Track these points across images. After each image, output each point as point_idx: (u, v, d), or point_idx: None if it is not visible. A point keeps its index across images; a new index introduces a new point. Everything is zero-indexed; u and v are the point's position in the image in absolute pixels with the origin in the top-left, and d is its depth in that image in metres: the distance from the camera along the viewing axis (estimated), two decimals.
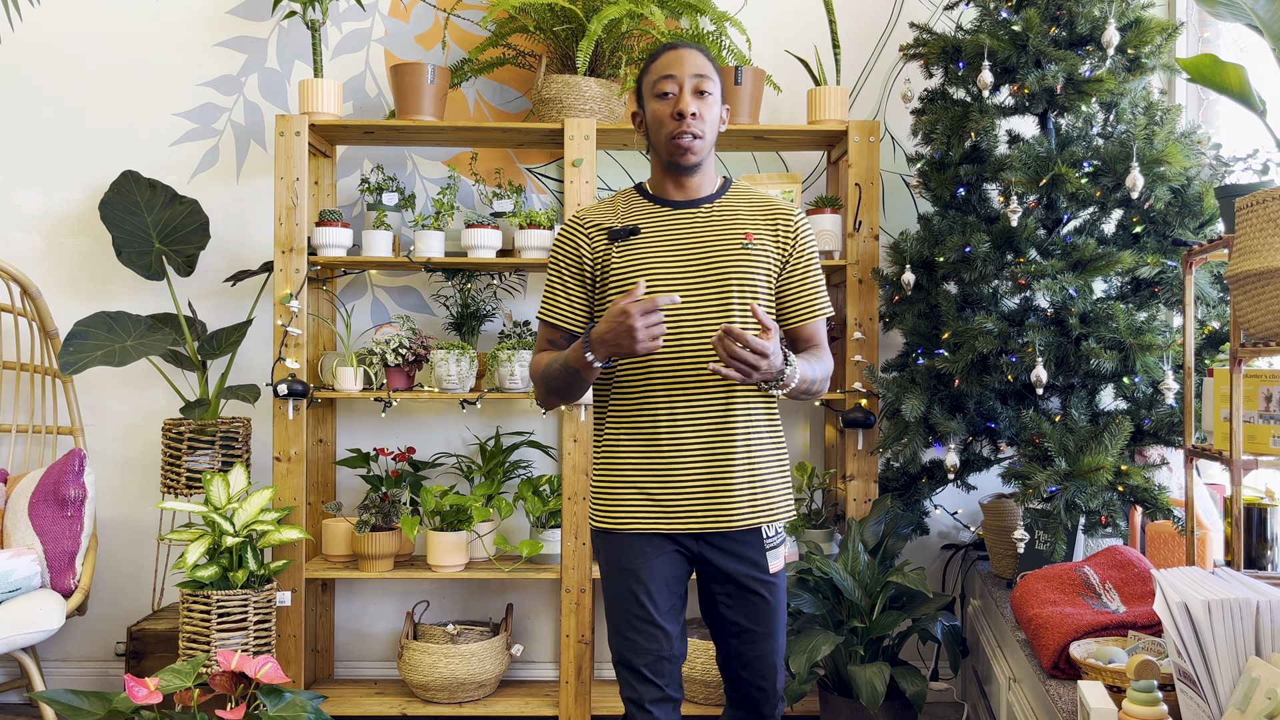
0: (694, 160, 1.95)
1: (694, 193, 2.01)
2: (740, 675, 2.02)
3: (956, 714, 3.26)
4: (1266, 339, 1.76)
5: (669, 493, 1.94)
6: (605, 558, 2.00)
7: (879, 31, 3.49)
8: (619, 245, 1.97)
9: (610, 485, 1.99)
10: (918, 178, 3.08)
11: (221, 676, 2.35)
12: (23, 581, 2.88)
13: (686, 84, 1.92)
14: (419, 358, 3.20)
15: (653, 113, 1.96)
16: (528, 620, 3.49)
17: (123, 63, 3.48)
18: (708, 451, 1.94)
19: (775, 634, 2.01)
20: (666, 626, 1.94)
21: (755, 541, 1.98)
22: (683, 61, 1.93)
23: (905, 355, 3.09)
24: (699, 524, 1.94)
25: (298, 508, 3.12)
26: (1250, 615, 1.47)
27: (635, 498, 1.96)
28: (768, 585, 1.98)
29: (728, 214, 2.00)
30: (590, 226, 2.01)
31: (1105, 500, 2.46)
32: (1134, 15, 2.73)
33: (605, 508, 1.99)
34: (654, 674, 1.93)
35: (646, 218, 2.00)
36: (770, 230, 2.00)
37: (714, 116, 1.96)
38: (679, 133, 1.91)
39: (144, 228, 3.29)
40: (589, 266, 2.00)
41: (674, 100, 1.92)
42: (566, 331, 2.03)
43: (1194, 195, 2.63)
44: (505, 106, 3.51)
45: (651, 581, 1.94)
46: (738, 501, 1.95)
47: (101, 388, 3.48)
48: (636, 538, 1.96)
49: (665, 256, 1.95)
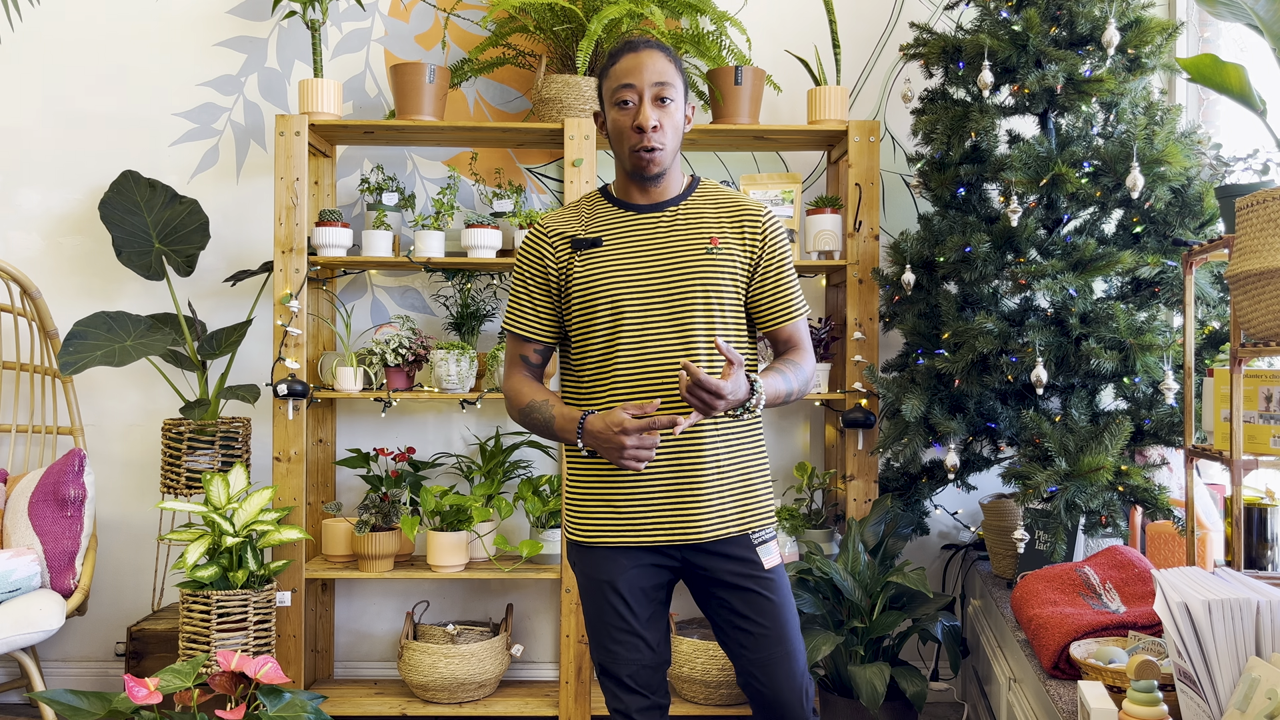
0: (656, 171, 1.91)
1: (658, 196, 1.96)
2: (762, 693, 1.92)
3: (956, 714, 3.26)
4: (1266, 339, 1.76)
5: (638, 506, 1.90)
6: (581, 570, 1.97)
7: (879, 31, 3.49)
8: (582, 254, 1.93)
9: (581, 499, 1.96)
10: (918, 178, 3.08)
11: (221, 676, 2.35)
12: (23, 581, 2.88)
13: (646, 93, 1.87)
14: (419, 358, 3.20)
15: (613, 121, 1.91)
16: (528, 620, 3.49)
17: (123, 62, 3.49)
18: (676, 462, 1.90)
19: (785, 637, 1.92)
20: (646, 635, 1.92)
21: (741, 541, 1.93)
22: (642, 69, 1.87)
23: (905, 355, 3.09)
24: (670, 536, 1.90)
25: (298, 508, 3.12)
26: (1250, 615, 1.47)
27: (605, 511, 1.92)
28: (764, 581, 1.92)
29: (693, 217, 1.95)
30: (554, 235, 1.97)
31: (1105, 500, 2.46)
32: (1134, 15, 2.73)
33: (578, 522, 1.96)
34: (637, 683, 1.91)
35: (610, 224, 1.95)
36: (737, 232, 1.95)
37: (676, 123, 1.92)
38: (639, 146, 1.87)
39: (144, 228, 3.29)
40: (554, 276, 1.95)
41: (633, 111, 1.88)
42: (535, 343, 1.99)
43: (1194, 195, 2.63)
44: (505, 106, 3.51)
45: (629, 592, 1.91)
46: (709, 512, 1.90)
47: (101, 388, 3.48)
48: (611, 551, 1.92)
49: (629, 265, 1.91)
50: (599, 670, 1.95)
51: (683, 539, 1.90)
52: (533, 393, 1.96)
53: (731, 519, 1.92)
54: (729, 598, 1.92)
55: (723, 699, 3.13)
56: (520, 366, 2.01)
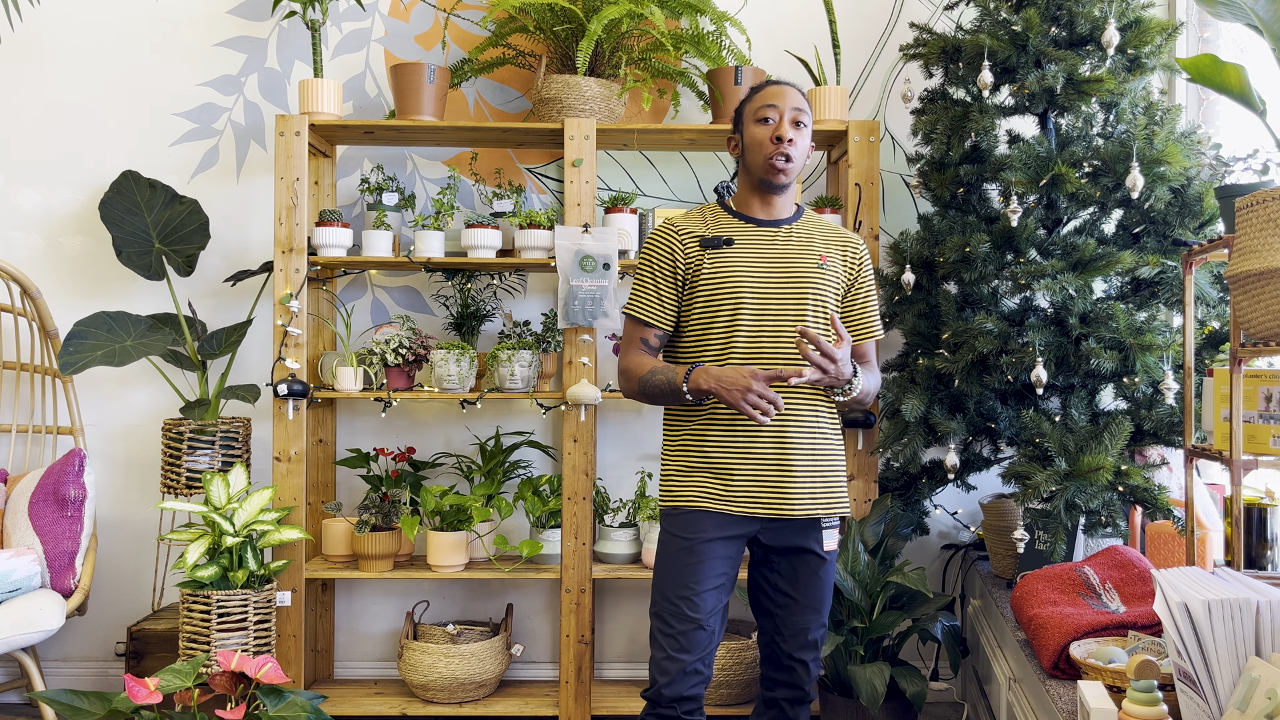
0: (784, 181, 2.16)
1: (777, 213, 2.22)
2: (782, 648, 2.19)
3: (956, 714, 3.26)
4: (1266, 339, 1.76)
5: (735, 478, 2.12)
6: (669, 530, 2.17)
7: (879, 31, 3.49)
8: (711, 253, 2.16)
9: (682, 468, 2.18)
10: (918, 178, 3.08)
11: (221, 676, 2.35)
12: (23, 581, 2.89)
13: (786, 114, 2.14)
14: (419, 358, 3.20)
15: (752, 135, 2.17)
16: (528, 620, 3.49)
17: (123, 62, 3.49)
18: (772, 444, 2.13)
19: (820, 610, 2.18)
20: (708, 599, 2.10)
21: (814, 522, 2.17)
22: (785, 95, 2.16)
23: (905, 355, 3.09)
24: (758, 509, 2.12)
25: (298, 508, 3.12)
26: (1250, 615, 1.47)
27: (705, 479, 2.14)
28: (820, 561, 2.17)
29: (805, 236, 2.21)
30: (683, 234, 2.20)
31: (1105, 500, 2.46)
32: (1134, 15, 2.73)
33: (676, 488, 2.18)
34: (690, 644, 2.09)
35: (735, 231, 2.20)
36: (840, 255, 2.23)
37: (805, 147, 2.18)
38: (775, 154, 2.13)
39: (144, 228, 3.29)
40: (681, 270, 2.19)
41: (774, 126, 2.14)
42: (657, 329, 2.21)
43: (1194, 195, 2.63)
44: (505, 106, 3.51)
45: (709, 554, 2.11)
46: (796, 492, 2.13)
47: (101, 388, 3.48)
48: (705, 514, 2.13)
49: (752, 267, 2.15)
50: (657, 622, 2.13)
51: (769, 513, 2.13)
52: (653, 362, 2.19)
53: (813, 501, 2.15)
54: (784, 569, 2.18)
55: (723, 699, 3.13)
56: (639, 347, 2.22)
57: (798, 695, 2.22)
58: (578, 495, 3.10)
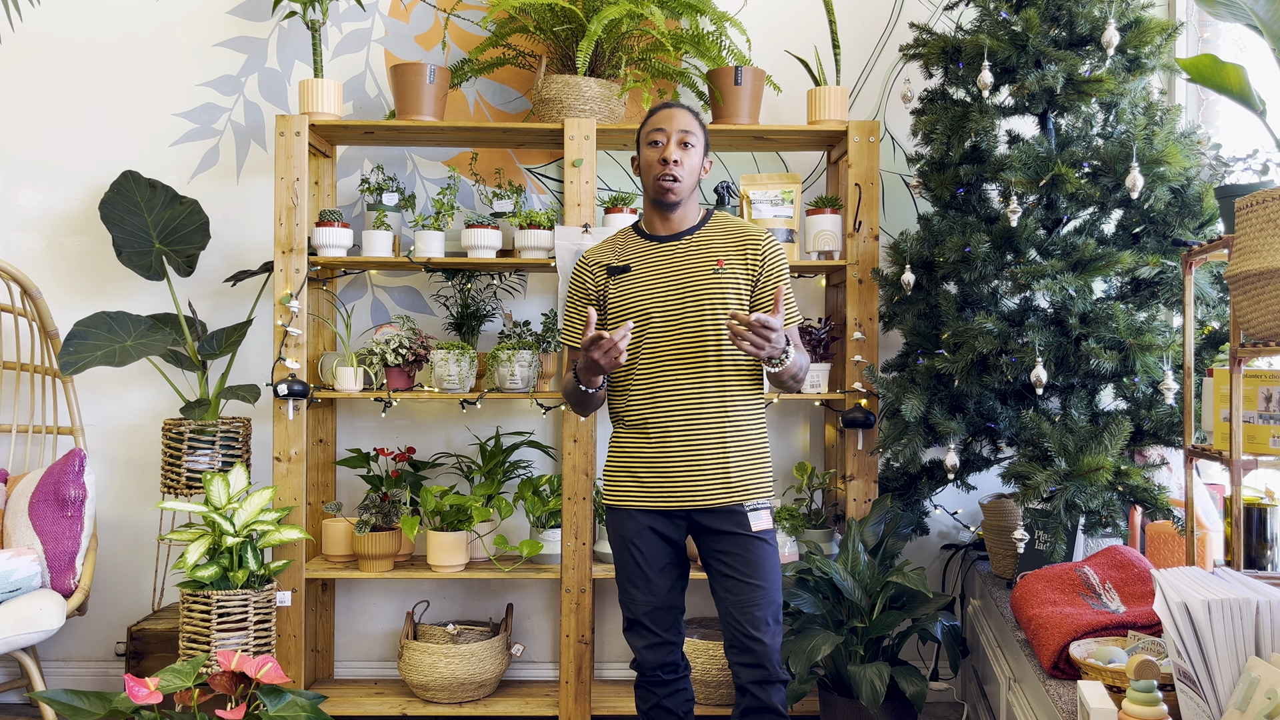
0: (674, 199, 2.35)
1: (676, 227, 2.40)
2: (737, 630, 2.29)
3: (956, 714, 3.26)
4: (1266, 339, 1.76)
5: (656, 477, 2.34)
6: (612, 529, 2.41)
7: (879, 32, 3.49)
8: (615, 279, 2.39)
9: (615, 470, 2.40)
10: (918, 178, 3.08)
11: (221, 676, 2.35)
12: (23, 581, 2.89)
13: (673, 137, 2.33)
14: (419, 358, 3.20)
15: (644, 159, 2.37)
16: (528, 620, 3.49)
17: (123, 63, 3.49)
18: (688, 443, 2.32)
19: (764, 585, 2.29)
20: (657, 581, 2.35)
21: (736, 508, 2.32)
22: (673, 119, 2.35)
23: (905, 355, 3.09)
24: (678, 502, 2.32)
25: (298, 508, 3.12)
26: (1250, 615, 1.47)
27: (631, 480, 2.37)
28: (749, 541, 2.30)
29: (704, 244, 2.38)
30: (593, 264, 2.44)
31: (1105, 500, 2.46)
32: (1134, 15, 2.73)
33: (611, 488, 2.41)
34: (650, 622, 2.35)
35: (638, 253, 2.41)
36: (740, 255, 2.37)
37: (694, 165, 2.37)
38: (663, 175, 2.32)
39: (144, 228, 3.29)
40: (594, 296, 2.43)
41: (661, 149, 2.33)
42: None
43: (1194, 195, 2.63)
44: (505, 106, 3.51)
45: (645, 546, 2.34)
46: (710, 484, 2.31)
47: (101, 388, 3.48)
48: (634, 512, 2.36)
49: (651, 286, 2.36)
50: (624, 614, 2.40)
51: (687, 505, 2.32)
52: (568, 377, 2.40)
53: (728, 490, 2.32)
54: (720, 551, 2.32)
55: (722, 699, 3.13)
56: (569, 368, 2.42)
57: (763, 676, 2.28)
58: (578, 495, 3.11)
